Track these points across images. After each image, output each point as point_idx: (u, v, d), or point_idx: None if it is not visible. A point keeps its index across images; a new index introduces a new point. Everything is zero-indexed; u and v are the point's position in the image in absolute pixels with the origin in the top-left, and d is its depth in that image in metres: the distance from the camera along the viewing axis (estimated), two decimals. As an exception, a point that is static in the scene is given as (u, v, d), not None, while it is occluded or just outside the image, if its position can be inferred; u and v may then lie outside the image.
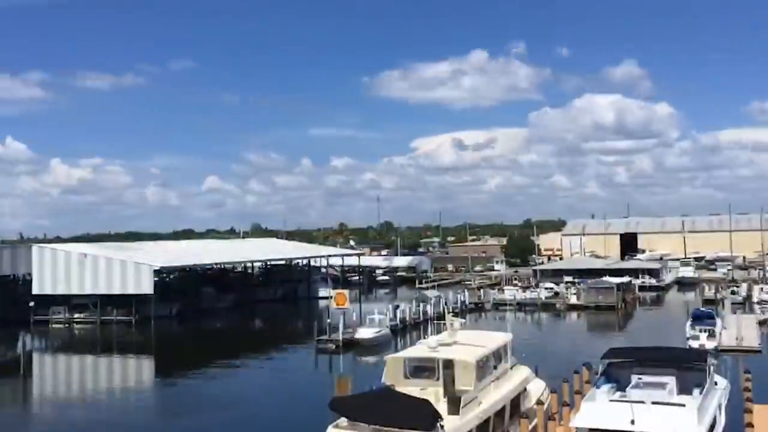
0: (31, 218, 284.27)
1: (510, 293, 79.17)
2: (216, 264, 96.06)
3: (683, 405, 19.71)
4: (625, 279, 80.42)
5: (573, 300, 75.31)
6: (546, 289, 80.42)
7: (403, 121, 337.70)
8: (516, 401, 24.46)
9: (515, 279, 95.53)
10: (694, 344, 42.71)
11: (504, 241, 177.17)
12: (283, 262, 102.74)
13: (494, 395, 23.04)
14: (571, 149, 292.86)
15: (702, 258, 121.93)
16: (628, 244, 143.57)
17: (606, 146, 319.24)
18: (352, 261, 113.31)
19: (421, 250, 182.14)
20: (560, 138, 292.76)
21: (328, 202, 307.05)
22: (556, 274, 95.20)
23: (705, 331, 45.30)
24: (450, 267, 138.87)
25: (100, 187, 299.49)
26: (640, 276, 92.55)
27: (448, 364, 22.72)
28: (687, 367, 23.05)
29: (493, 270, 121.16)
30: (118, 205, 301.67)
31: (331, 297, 58.16)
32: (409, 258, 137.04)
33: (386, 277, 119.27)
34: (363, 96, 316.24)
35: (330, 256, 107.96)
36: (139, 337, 64.59)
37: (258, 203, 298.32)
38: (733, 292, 71.59)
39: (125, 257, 73.65)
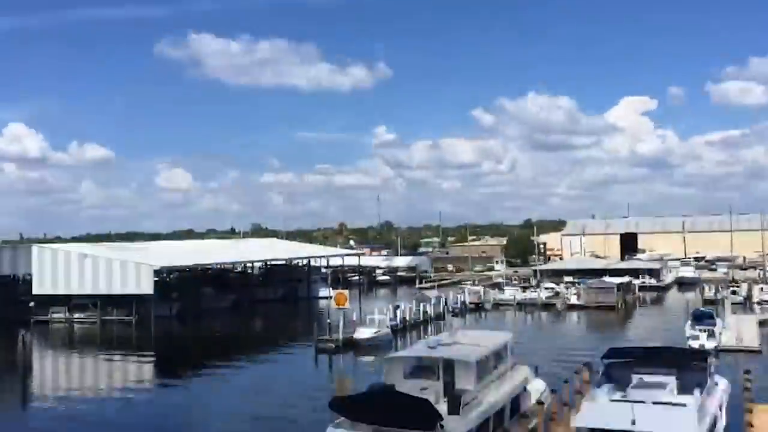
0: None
1: (510, 293, 79.23)
2: (216, 264, 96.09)
3: (684, 405, 19.72)
4: (625, 279, 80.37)
5: (573, 300, 75.30)
6: (546, 289, 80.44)
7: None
8: (516, 401, 24.47)
9: (515, 279, 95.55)
10: (694, 344, 42.69)
11: (504, 241, 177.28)
12: (283, 262, 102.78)
13: (494, 395, 23.06)
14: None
15: (702, 258, 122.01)
16: (628, 244, 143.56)
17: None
18: (352, 261, 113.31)
19: (421, 250, 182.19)
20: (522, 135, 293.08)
21: (324, 201, 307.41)
22: (556, 274, 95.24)
23: (705, 331, 45.26)
24: (450, 267, 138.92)
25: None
26: (640, 276, 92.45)
27: (448, 364, 22.74)
28: (687, 367, 23.07)
29: (493, 270, 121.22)
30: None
31: (331, 297, 58.19)
32: (409, 258, 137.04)
33: (386, 277, 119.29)
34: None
35: (330, 256, 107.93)
36: (139, 337, 64.58)
37: (257, 203, 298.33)
38: (733, 292, 71.52)
39: (125, 257, 73.63)
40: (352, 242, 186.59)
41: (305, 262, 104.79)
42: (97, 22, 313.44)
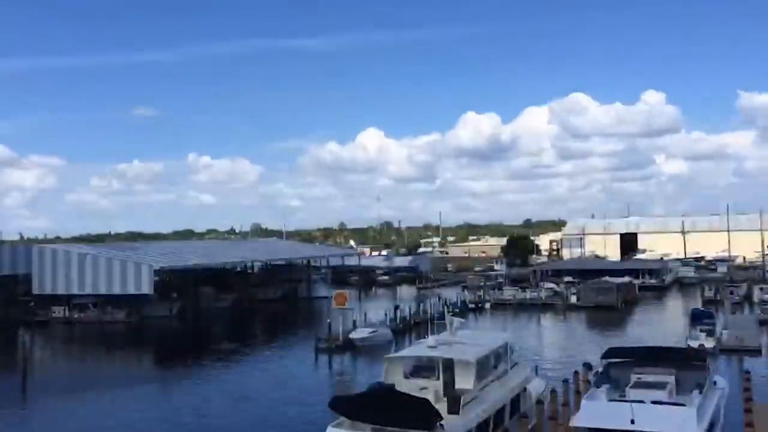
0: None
1: (510, 293, 79.25)
2: (216, 264, 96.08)
3: (683, 405, 19.76)
4: (626, 279, 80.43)
5: (573, 300, 75.33)
6: (546, 289, 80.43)
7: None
8: (516, 401, 24.49)
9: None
10: (694, 344, 42.69)
11: (504, 241, 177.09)
12: (283, 262, 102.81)
13: (494, 395, 23.09)
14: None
15: (702, 258, 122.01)
16: (628, 244, 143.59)
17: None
18: (352, 261, 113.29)
19: (421, 250, 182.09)
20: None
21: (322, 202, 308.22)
22: (556, 274, 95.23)
23: (705, 331, 45.35)
24: (450, 267, 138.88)
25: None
26: (640, 276, 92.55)
27: (448, 364, 22.76)
28: (686, 367, 23.10)
29: (493, 270, 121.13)
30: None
31: (331, 297, 58.21)
32: (409, 258, 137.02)
33: (386, 277, 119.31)
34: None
35: (330, 256, 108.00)
36: (139, 337, 64.58)
37: (257, 204, 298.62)
38: (732, 293, 71.60)
39: (125, 257, 73.67)
40: (352, 242, 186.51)
41: (305, 262, 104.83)
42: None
